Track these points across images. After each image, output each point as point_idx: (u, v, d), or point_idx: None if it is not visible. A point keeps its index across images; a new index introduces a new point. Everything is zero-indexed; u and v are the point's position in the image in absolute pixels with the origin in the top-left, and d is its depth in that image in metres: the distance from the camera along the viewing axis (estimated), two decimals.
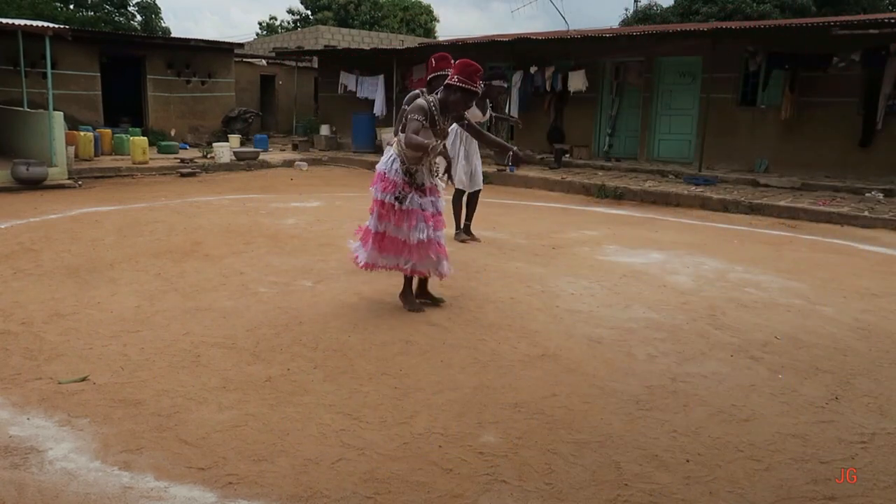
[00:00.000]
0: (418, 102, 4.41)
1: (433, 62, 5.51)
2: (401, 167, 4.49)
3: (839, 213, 9.03)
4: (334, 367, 3.81)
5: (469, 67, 4.39)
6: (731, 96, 12.68)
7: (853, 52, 10.90)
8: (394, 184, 4.46)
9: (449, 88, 4.42)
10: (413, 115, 4.34)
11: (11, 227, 7.45)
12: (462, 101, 4.44)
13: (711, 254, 6.93)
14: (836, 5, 24.30)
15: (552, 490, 2.69)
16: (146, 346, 4.06)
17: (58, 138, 10.88)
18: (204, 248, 6.63)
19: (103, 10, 31.38)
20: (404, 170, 4.49)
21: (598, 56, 13.94)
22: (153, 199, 9.82)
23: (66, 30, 11.73)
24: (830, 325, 4.76)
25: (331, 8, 36.25)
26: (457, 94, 4.40)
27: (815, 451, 3.04)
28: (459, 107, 4.48)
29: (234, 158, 14.40)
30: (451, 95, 4.42)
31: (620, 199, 10.83)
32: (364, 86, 17.47)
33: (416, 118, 4.33)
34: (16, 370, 3.68)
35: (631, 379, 3.76)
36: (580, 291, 5.41)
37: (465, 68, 4.40)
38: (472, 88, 4.38)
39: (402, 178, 4.47)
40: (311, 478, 2.72)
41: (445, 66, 5.30)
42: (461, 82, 4.36)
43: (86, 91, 16.06)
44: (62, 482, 2.67)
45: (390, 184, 4.47)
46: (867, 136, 11.26)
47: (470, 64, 4.41)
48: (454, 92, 4.40)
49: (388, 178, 4.48)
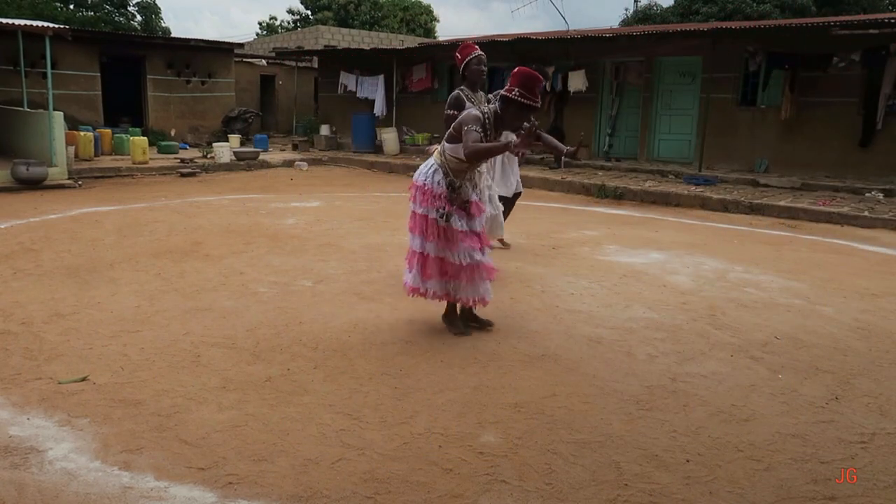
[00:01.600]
0: (473, 113, 3.91)
1: (458, 55, 5.30)
2: (444, 179, 4.02)
3: (839, 213, 9.03)
4: (334, 367, 3.81)
5: (530, 79, 3.81)
6: (731, 96, 12.67)
7: (853, 52, 10.90)
8: (437, 198, 4.01)
9: (506, 101, 3.86)
10: (470, 125, 3.84)
11: (11, 227, 7.45)
12: (520, 116, 3.89)
13: (711, 254, 6.94)
14: (836, 5, 24.31)
15: (552, 490, 2.69)
16: (146, 346, 4.06)
17: (58, 138, 10.88)
18: (204, 248, 6.63)
19: (103, 10, 31.39)
20: (447, 182, 4.02)
21: (598, 56, 13.94)
22: (153, 199, 9.82)
23: (66, 30, 11.73)
24: (830, 325, 4.76)
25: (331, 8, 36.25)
26: (515, 109, 3.86)
27: (815, 451, 3.04)
28: (516, 122, 3.95)
29: (234, 158, 14.40)
30: (509, 108, 3.88)
31: (620, 199, 10.83)
32: (364, 86, 17.48)
33: (475, 129, 3.83)
34: (16, 370, 3.68)
35: (631, 379, 3.76)
36: (580, 291, 5.41)
37: (525, 79, 3.81)
38: (532, 104, 3.83)
39: (445, 191, 4.01)
40: (311, 478, 2.72)
41: (472, 51, 5.16)
42: (522, 97, 3.80)
43: (86, 91, 16.06)
44: (62, 482, 2.67)
45: (433, 198, 4.01)
46: (867, 136, 11.26)
47: (531, 75, 3.82)
48: (512, 105, 3.85)
49: (430, 192, 4.02)
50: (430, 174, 4.08)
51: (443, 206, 3.99)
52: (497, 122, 3.96)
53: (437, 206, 4.00)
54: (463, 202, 4.08)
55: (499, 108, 3.93)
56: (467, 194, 4.11)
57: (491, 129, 3.95)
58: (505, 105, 3.89)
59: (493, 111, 3.95)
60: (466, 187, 4.11)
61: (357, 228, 7.79)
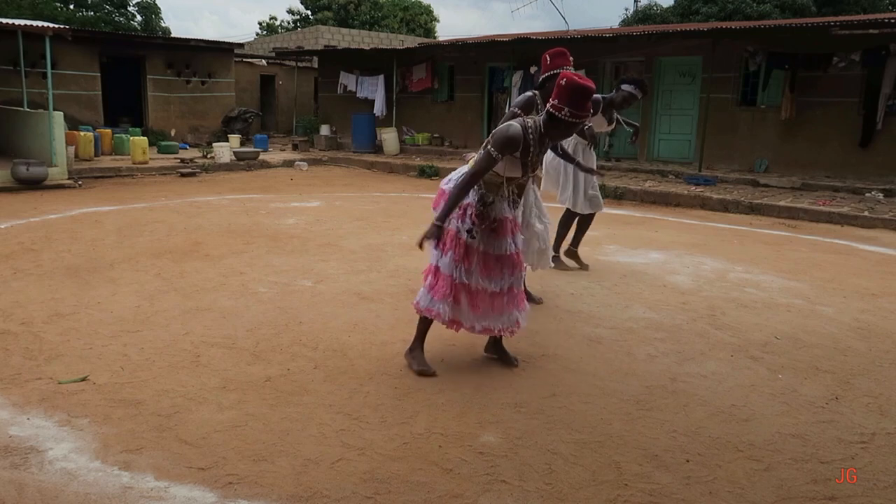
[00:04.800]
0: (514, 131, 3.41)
1: (547, 59, 4.65)
2: (475, 191, 3.59)
3: (839, 213, 9.03)
4: (334, 367, 3.81)
5: (581, 93, 3.28)
6: (731, 96, 12.68)
7: (853, 52, 10.91)
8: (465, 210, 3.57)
9: (554, 119, 3.36)
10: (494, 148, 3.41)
11: (11, 227, 7.45)
12: (567, 133, 3.47)
13: (711, 254, 6.94)
14: (836, 5, 24.30)
15: (552, 490, 2.69)
16: (146, 346, 4.06)
17: (58, 138, 10.88)
18: (204, 248, 6.63)
19: (103, 10, 31.38)
20: (479, 195, 3.58)
21: (597, 56, 13.95)
22: (153, 199, 9.82)
23: (66, 30, 11.73)
24: (830, 325, 4.76)
25: (331, 8, 36.24)
26: (563, 127, 3.39)
27: (814, 451, 3.05)
28: (560, 138, 3.61)
29: (234, 158, 14.40)
30: (558, 126, 3.40)
31: (620, 199, 10.83)
32: (364, 86, 17.48)
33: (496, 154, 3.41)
34: (16, 370, 3.68)
35: (631, 379, 3.76)
36: (580, 291, 5.41)
37: (576, 95, 3.28)
38: (583, 122, 3.39)
39: (475, 205, 3.56)
40: (311, 478, 2.72)
41: (563, 63, 4.52)
42: (572, 116, 3.30)
43: (86, 91, 16.06)
44: (62, 482, 2.67)
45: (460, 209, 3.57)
46: (867, 136, 11.26)
47: (582, 89, 3.28)
48: (561, 124, 3.37)
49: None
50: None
51: (470, 220, 3.56)
52: (542, 139, 3.49)
53: (464, 218, 3.57)
54: (493, 220, 3.60)
55: (543, 124, 3.44)
56: (500, 212, 3.63)
57: (535, 147, 3.48)
58: (552, 122, 3.39)
59: (538, 127, 3.46)
60: (500, 203, 3.63)
61: (357, 228, 7.78)
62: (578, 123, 3.36)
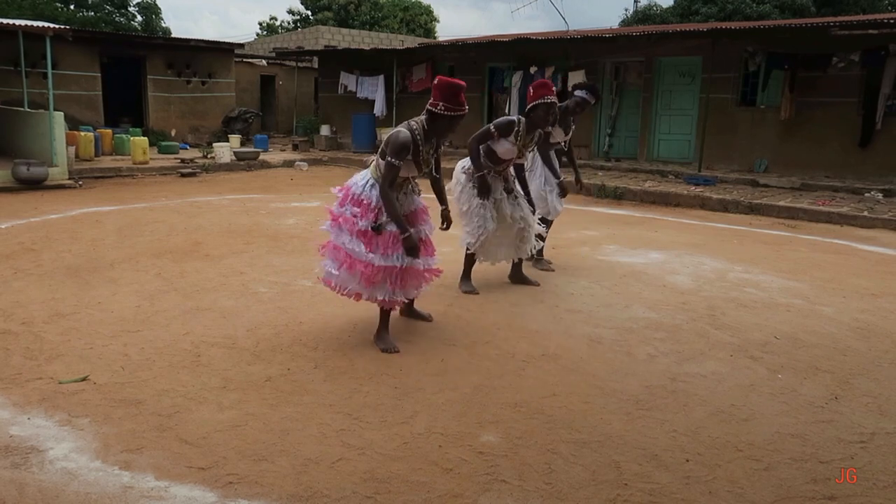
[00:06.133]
0: (403, 137, 3.81)
1: (531, 90, 4.97)
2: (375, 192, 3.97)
3: (838, 213, 9.04)
4: (334, 367, 3.82)
5: (452, 88, 3.80)
6: (731, 96, 12.68)
7: (852, 52, 10.91)
8: (372, 210, 3.94)
9: (434, 116, 3.84)
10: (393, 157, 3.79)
11: (12, 227, 7.46)
12: (451, 126, 3.92)
13: (711, 254, 6.94)
14: (836, 6, 24.32)
15: (552, 490, 2.69)
16: (146, 345, 4.06)
17: (58, 138, 10.88)
18: (204, 248, 6.64)
19: (104, 11, 31.39)
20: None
21: (597, 56, 13.95)
22: (153, 199, 9.82)
23: (66, 30, 11.74)
24: (830, 324, 4.77)
25: (331, 8, 36.23)
26: (445, 122, 3.86)
27: (814, 450, 3.05)
28: (444, 133, 3.99)
29: (234, 158, 14.40)
30: (439, 122, 3.87)
31: (620, 199, 10.83)
32: (364, 86, 17.49)
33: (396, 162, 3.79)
34: (16, 370, 3.69)
35: (630, 379, 3.77)
36: (580, 291, 5.42)
37: (448, 91, 3.79)
38: (460, 113, 3.84)
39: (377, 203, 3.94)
40: (312, 477, 2.73)
41: (545, 94, 4.86)
42: (448, 110, 3.79)
43: (86, 91, 16.07)
44: (63, 482, 2.67)
45: (369, 210, 3.94)
46: (866, 137, 11.27)
47: (453, 84, 3.81)
48: (441, 119, 3.84)
49: (364, 203, 3.96)
50: (368, 188, 3.98)
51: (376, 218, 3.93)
52: (427, 136, 3.92)
53: (372, 217, 3.93)
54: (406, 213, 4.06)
55: (426, 122, 3.89)
56: (409, 205, 4.11)
57: (424, 145, 3.91)
58: (433, 118, 3.86)
59: (422, 126, 3.89)
60: (408, 198, 4.11)
61: None
62: (455, 116, 3.81)
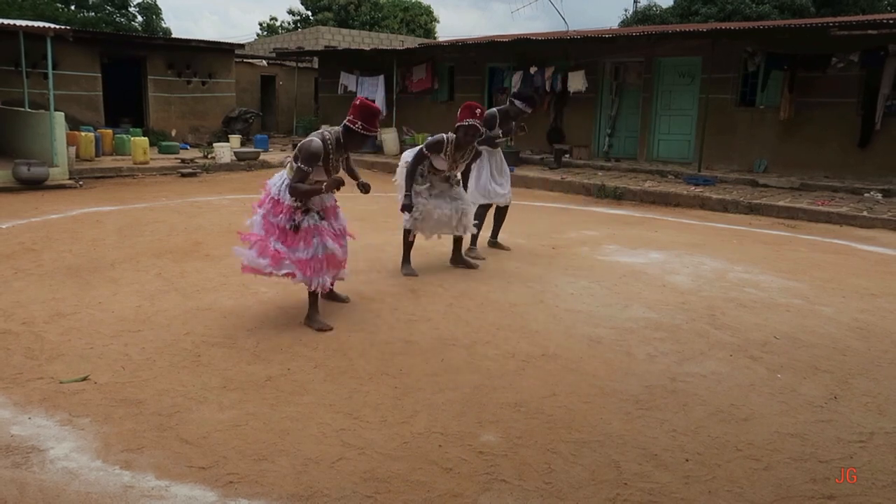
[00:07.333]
0: (315, 146, 4.22)
1: (458, 112, 5.58)
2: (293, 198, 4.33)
3: (838, 213, 9.05)
4: (334, 367, 3.82)
5: (370, 113, 4.29)
6: (731, 97, 12.68)
7: (852, 52, 10.91)
8: (287, 209, 4.29)
9: (350, 131, 4.31)
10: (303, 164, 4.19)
11: (12, 227, 7.47)
12: (361, 143, 4.40)
13: (711, 254, 6.95)
14: (835, 6, 24.32)
15: (552, 489, 2.70)
16: (147, 345, 4.07)
17: (59, 139, 10.89)
18: (204, 247, 6.64)
19: (104, 11, 31.39)
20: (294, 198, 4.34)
21: (597, 56, 13.96)
22: (154, 199, 9.83)
23: (67, 30, 11.74)
24: (829, 324, 4.77)
25: (331, 9, 36.24)
26: (358, 138, 4.33)
27: (814, 450, 3.06)
28: (355, 147, 4.44)
29: (234, 158, 14.40)
30: (353, 137, 4.34)
31: (620, 199, 10.84)
32: (364, 86, 17.48)
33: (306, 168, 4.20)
34: (17, 370, 3.69)
35: (630, 379, 3.78)
36: (580, 291, 5.43)
37: (367, 114, 4.28)
38: (372, 135, 4.35)
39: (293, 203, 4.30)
40: (312, 477, 2.73)
41: (467, 117, 5.47)
42: (364, 129, 4.27)
43: (87, 91, 16.07)
44: (63, 481, 2.68)
45: (284, 209, 4.30)
46: (866, 137, 11.27)
47: (372, 110, 4.31)
48: (355, 135, 4.32)
49: (282, 203, 4.30)
50: (285, 190, 4.31)
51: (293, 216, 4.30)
52: (338, 147, 4.37)
53: (289, 216, 4.29)
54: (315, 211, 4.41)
55: (342, 135, 4.34)
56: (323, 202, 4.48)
57: (335, 154, 4.36)
58: (349, 133, 4.32)
59: (336, 137, 4.34)
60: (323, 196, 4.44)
61: (357, 228, 7.75)
62: (368, 136, 4.32)
